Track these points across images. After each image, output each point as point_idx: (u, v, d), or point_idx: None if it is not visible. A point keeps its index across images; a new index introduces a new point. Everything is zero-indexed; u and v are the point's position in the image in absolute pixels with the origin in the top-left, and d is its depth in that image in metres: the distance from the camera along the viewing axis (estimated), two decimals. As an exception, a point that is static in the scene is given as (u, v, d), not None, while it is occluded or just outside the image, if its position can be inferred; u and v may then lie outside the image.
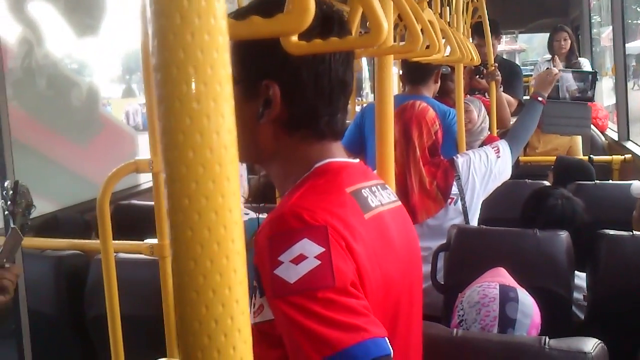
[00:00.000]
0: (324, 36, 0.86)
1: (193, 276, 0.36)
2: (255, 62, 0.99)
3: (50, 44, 3.14)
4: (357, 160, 1.11)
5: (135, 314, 2.01)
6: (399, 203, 1.15)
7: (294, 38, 0.84)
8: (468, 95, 3.69)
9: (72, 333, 2.25)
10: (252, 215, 2.31)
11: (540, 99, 2.59)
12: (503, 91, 3.86)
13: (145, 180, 3.70)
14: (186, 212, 0.36)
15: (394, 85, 1.60)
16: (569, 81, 3.32)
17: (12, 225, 1.66)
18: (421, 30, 1.28)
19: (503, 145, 2.41)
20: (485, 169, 2.33)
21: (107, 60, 3.67)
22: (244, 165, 2.37)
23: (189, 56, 0.35)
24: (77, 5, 3.34)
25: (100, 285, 1.93)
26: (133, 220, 2.69)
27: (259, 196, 3.03)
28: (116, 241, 1.89)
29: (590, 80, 3.62)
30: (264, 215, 2.32)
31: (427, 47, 1.47)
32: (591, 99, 3.69)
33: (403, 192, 2.25)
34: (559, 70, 2.75)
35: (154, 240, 1.94)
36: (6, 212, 1.69)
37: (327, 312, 0.86)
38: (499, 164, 2.36)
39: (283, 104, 0.99)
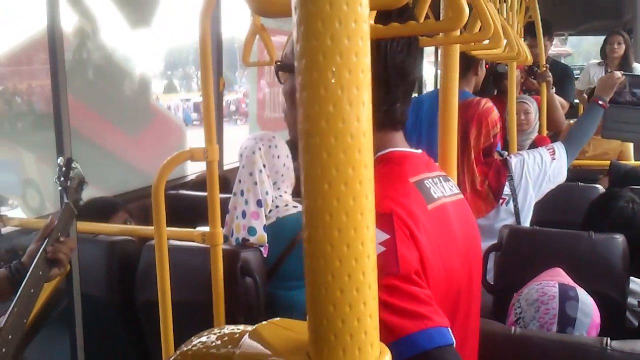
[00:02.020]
0: (400, 20, 0.85)
1: (329, 260, 0.35)
2: None
3: (104, 35, 3.21)
4: (420, 150, 1.10)
5: (184, 300, 2.03)
6: (461, 196, 1.14)
7: (371, 21, 0.83)
8: (524, 94, 3.64)
9: (122, 317, 2.29)
10: (301, 207, 2.32)
11: (601, 102, 2.52)
12: (555, 93, 3.80)
13: (190, 172, 3.75)
14: (325, 197, 0.35)
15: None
16: (633, 86, 3.23)
17: (65, 201, 1.70)
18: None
19: (559, 147, 2.37)
20: (539, 171, 2.29)
21: (152, 56, 3.73)
22: (290, 157, 2.37)
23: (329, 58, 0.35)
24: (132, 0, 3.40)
25: (151, 271, 1.96)
26: (180, 210, 2.72)
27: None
28: (169, 228, 1.92)
29: None
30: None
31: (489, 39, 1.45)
32: None
33: None
34: (622, 74, 2.68)
35: (206, 228, 1.96)
36: (60, 188, 1.73)
37: (391, 298, 0.85)
38: (554, 166, 2.32)
39: None
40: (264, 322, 0.43)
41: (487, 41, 1.52)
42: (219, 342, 0.44)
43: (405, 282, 0.87)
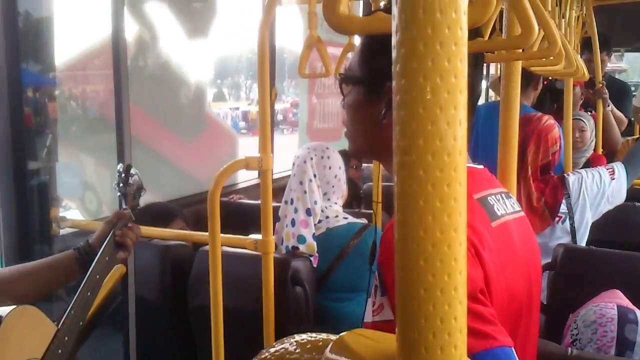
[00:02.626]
0: (469, 37, 0.85)
1: (422, 274, 0.37)
2: (381, 64, 1.00)
3: (161, 44, 3.30)
4: (482, 166, 1.10)
5: (234, 306, 2.06)
6: (522, 213, 1.13)
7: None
8: (582, 110, 3.58)
9: (173, 320, 2.34)
10: (351, 219, 2.33)
11: None
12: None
13: (241, 179, 3.81)
14: (421, 213, 0.37)
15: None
16: None
17: (123, 207, 1.75)
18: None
19: (619, 167, 2.32)
20: (598, 190, 2.24)
21: (204, 65, 3.81)
22: (343, 168, 2.39)
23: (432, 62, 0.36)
24: (186, 10, 3.48)
25: (204, 276, 2.00)
26: (230, 217, 2.76)
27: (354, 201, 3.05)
28: (222, 235, 1.95)
29: None
30: (361, 220, 2.33)
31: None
32: None
33: None
34: None
35: (259, 236, 1.99)
36: (119, 194, 1.78)
37: None
38: (613, 186, 2.27)
39: None
40: (347, 332, 0.44)
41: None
42: (301, 349, 0.45)
43: (471, 301, 0.86)
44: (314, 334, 0.48)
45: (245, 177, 3.84)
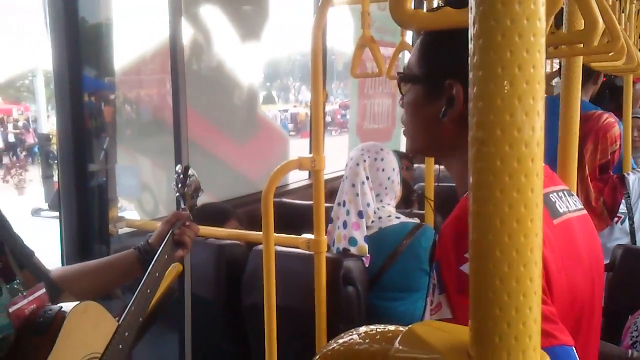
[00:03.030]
0: None
1: (498, 264, 0.37)
2: (440, 61, 1.00)
3: (216, 47, 3.36)
4: (543, 163, 1.08)
5: (287, 304, 2.08)
6: (585, 212, 1.10)
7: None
8: None
9: (227, 318, 2.38)
10: (404, 219, 2.32)
11: None
12: None
13: (292, 180, 3.84)
14: (498, 204, 0.37)
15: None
16: None
17: (182, 206, 1.79)
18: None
19: None
20: None
21: (256, 67, 3.86)
22: (397, 170, 2.38)
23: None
24: (238, 13, 3.53)
25: (257, 275, 2.03)
26: (282, 217, 2.78)
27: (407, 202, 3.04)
28: (276, 234, 1.98)
29: None
30: (414, 220, 2.32)
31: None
32: None
33: None
34: None
35: (311, 236, 2.01)
36: (177, 194, 1.82)
37: None
38: None
39: (465, 103, 0.99)
40: (417, 323, 0.44)
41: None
42: (370, 339, 0.46)
43: None
44: (381, 325, 0.49)
45: (296, 178, 3.88)
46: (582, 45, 1.12)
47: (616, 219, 2.20)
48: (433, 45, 1.04)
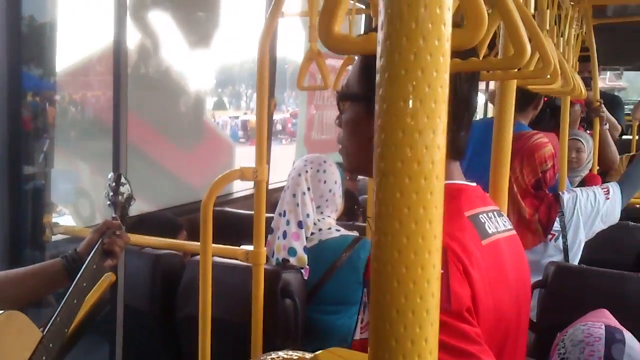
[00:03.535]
0: (463, 56, 0.86)
1: (396, 296, 0.37)
2: None
3: (164, 52, 3.31)
4: (475, 184, 1.09)
5: (223, 317, 2.05)
6: (514, 232, 1.12)
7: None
8: (582, 129, 3.59)
9: (161, 330, 2.32)
10: (344, 232, 2.33)
11: None
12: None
13: (236, 189, 3.80)
14: (395, 234, 0.37)
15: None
16: None
17: (113, 215, 1.75)
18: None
19: (614, 187, 2.33)
20: (592, 209, 2.25)
21: (206, 73, 3.83)
22: (339, 182, 2.38)
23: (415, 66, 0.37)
24: (189, 19, 3.50)
25: (194, 286, 2.00)
26: (224, 227, 2.75)
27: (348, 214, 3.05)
28: (214, 245, 1.95)
29: None
30: (354, 233, 2.32)
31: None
32: None
33: None
34: None
35: (250, 247, 1.99)
36: (108, 202, 1.78)
37: (441, 335, 0.84)
38: (607, 206, 2.28)
39: None
40: (323, 350, 0.43)
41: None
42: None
43: (456, 319, 0.86)
44: (290, 352, 0.48)
45: (243, 187, 3.85)
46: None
47: (550, 236, 2.26)
48: (373, 63, 1.05)
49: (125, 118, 2.07)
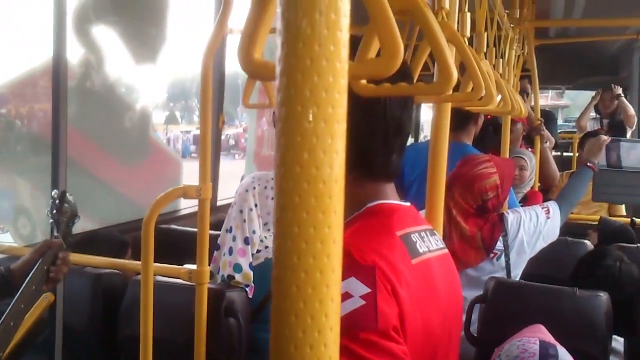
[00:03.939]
0: (392, 81, 0.88)
1: (294, 300, 0.38)
2: None
3: (108, 67, 3.26)
4: (409, 203, 1.12)
5: (166, 337, 2.02)
6: (446, 250, 1.15)
7: (364, 80, 0.86)
8: (526, 147, 3.70)
9: (103, 351, 2.27)
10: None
11: (590, 165, 2.59)
12: None
13: (184, 206, 3.76)
14: (295, 239, 0.38)
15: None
16: (628, 149, 3.32)
17: (55, 234, 1.70)
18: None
19: (553, 207, 2.39)
20: (535, 230, 2.30)
21: (155, 88, 3.79)
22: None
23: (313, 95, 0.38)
24: (136, 33, 3.46)
25: (136, 306, 1.96)
26: (170, 245, 2.72)
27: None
28: (156, 264, 1.92)
29: None
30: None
31: (481, 97, 1.48)
32: None
33: (443, 237, 2.24)
34: (609, 138, 2.76)
35: (193, 266, 1.96)
36: (51, 221, 1.73)
37: (367, 353, 0.86)
38: (548, 226, 2.34)
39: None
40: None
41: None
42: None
43: (383, 338, 0.87)
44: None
45: (192, 203, 3.80)
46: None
47: (492, 255, 2.30)
48: None
49: (65, 133, 2.03)
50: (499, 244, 2.28)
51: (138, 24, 3.43)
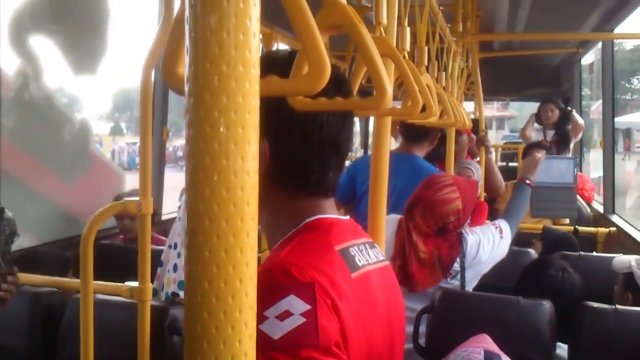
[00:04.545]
0: (329, 95, 0.87)
1: (206, 296, 0.38)
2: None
3: (46, 78, 3.17)
4: (348, 217, 1.11)
5: (108, 356, 1.96)
6: (387, 262, 1.15)
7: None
8: (471, 159, 3.75)
9: (41, 373, 2.19)
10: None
11: (528, 182, 2.65)
12: None
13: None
14: (206, 233, 0.38)
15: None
16: (551, 166, 3.44)
17: None
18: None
19: (503, 225, 2.42)
20: (491, 250, 2.32)
21: (98, 99, 3.71)
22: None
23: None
24: (75, 43, 3.38)
25: (76, 325, 1.89)
26: (113, 261, 2.65)
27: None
28: (97, 282, 1.86)
29: (572, 165, 3.75)
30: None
31: (423, 109, 1.49)
32: (573, 184, 3.80)
33: (401, 256, 2.24)
34: (543, 155, 2.85)
35: (135, 283, 1.91)
36: None
37: None
38: (502, 245, 2.37)
39: (272, 159, 0.99)
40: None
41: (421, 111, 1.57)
42: None
43: (324, 355, 0.87)
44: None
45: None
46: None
47: (448, 275, 2.30)
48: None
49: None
50: (456, 264, 2.27)
51: (78, 34, 3.35)
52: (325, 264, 0.95)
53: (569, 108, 5.43)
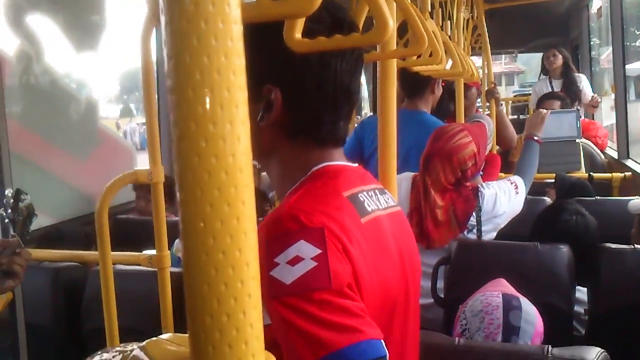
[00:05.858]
0: (329, 34, 0.86)
1: (205, 269, 0.36)
2: (258, 66, 0.99)
3: (49, 59, 3.16)
4: (356, 164, 1.10)
5: (132, 325, 1.99)
6: (398, 208, 1.14)
7: (298, 35, 0.84)
8: (480, 111, 3.71)
9: (69, 346, 2.23)
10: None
11: (536, 138, 2.62)
12: None
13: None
14: (198, 204, 0.36)
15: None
16: (555, 121, 3.42)
17: (12, 233, 1.66)
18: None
19: (518, 181, 2.39)
20: (508, 203, 2.31)
21: (106, 79, 3.70)
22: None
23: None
24: (78, 23, 3.36)
25: (98, 298, 1.92)
26: (131, 234, 2.67)
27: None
28: (115, 252, 1.88)
29: (575, 118, 3.72)
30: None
31: (430, 55, 1.47)
32: (577, 137, 3.76)
33: (418, 213, 2.23)
34: (547, 110, 2.82)
35: (153, 252, 1.93)
36: (6, 220, 1.68)
37: (323, 313, 0.85)
38: (517, 200, 2.35)
39: (284, 109, 0.98)
40: (153, 339, 0.42)
41: (429, 57, 1.54)
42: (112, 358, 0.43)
43: (337, 296, 0.87)
44: (132, 344, 0.46)
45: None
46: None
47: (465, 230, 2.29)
48: (252, 47, 1.03)
49: (5, 129, 1.96)
50: (472, 219, 2.26)
51: (82, 15, 3.33)
52: (334, 209, 0.95)
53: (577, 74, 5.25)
